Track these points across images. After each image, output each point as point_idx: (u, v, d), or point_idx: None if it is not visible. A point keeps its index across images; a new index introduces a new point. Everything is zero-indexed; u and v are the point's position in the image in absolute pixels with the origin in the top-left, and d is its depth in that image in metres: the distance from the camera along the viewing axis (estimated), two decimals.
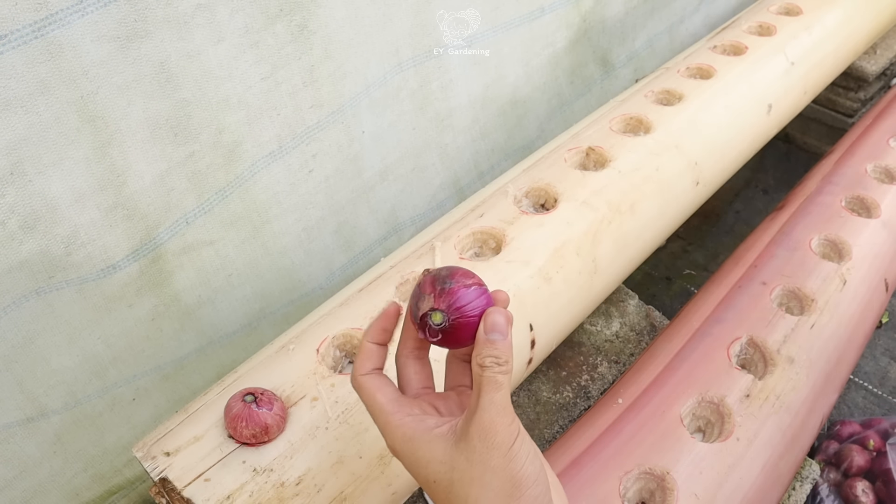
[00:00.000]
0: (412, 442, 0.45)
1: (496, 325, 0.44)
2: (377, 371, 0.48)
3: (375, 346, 0.49)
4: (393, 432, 0.46)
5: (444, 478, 0.43)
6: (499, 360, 0.43)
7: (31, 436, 0.73)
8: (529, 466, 0.42)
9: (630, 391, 0.76)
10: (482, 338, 0.44)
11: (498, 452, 0.41)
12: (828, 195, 1.03)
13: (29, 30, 0.52)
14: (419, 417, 0.46)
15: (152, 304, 0.75)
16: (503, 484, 0.41)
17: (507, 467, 0.41)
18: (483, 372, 0.43)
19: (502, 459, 0.41)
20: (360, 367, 0.48)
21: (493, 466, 0.41)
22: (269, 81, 0.72)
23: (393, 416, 0.46)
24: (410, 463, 0.45)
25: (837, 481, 0.98)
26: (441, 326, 0.45)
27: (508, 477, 0.41)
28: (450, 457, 0.43)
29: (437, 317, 0.45)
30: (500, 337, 0.44)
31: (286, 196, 0.81)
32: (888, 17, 1.35)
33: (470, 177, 1.08)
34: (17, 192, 0.58)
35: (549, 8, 1.03)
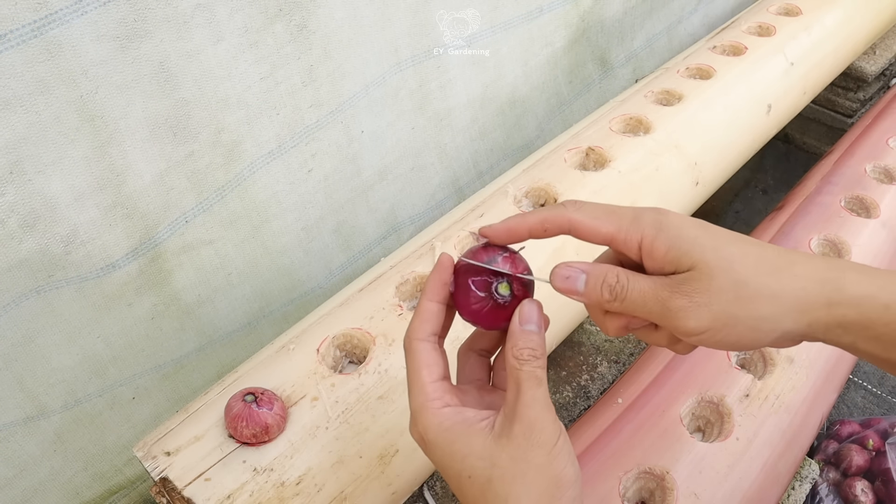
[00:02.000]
0: (448, 433, 0.42)
1: (531, 315, 0.42)
2: (433, 338, 0.44)
3: (435, 306, 0.44)
4: (429, 419, 0.42)
5: (482, 474, 0.41)
6: (535, 353, 0.41)
7: (31, 435, 0.73)
8: (570, 467, 0.40)
9: (630, 391, 0.76)
10: (517, 329, 0.42)
11: (542, 451, 0.40)
12: (827, 195, 1.03)
13: (28, 29, 0.52)
14: (458, 409, 0.43)
15: (152, 303, 0.75)
16: (546, 483, 0.40)
17: (550, 466, 0.40)
18: (522, 366, 0.41)
19: (546, 458, 0.40)
20: (416, 329, 0.44)
21: (537, 465, 0.40)
22: (268, 81, 0.72)
23: (432, 402, 0.43)
24: (443, 455, 0.42)
25: (837, 481, 0.98)
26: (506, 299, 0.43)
27: (552, 476, 0.40)
28: (490, 453, 0.41)
29: (505, 287, 0.43)
30: (535, 328, 0.42)
31: (285, 195, 0.81)
32: (888, 18, 1.36)
33: (469, 176, 1.08)
34: (17, 191, 0.58)
35: (548, 8, 1.03)
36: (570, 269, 0.43)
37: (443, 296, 0.45)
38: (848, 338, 0.41)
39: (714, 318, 0.40)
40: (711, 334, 0.41)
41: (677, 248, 0.41)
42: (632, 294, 0.42)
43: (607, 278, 0.42)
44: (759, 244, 0.42)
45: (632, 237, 0.42)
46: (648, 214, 0.43)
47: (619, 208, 0.43)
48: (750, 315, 0.40)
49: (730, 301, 0.40)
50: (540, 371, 0.41)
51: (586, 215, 0.43)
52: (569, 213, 0.43)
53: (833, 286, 0.41)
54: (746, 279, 0.40)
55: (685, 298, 0.40)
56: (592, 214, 0.43)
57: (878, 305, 0.40)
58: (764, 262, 0.41)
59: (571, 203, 0.44)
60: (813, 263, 0.42)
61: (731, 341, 0.41)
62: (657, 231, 0.42)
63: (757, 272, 0.41)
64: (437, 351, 0.45)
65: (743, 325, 0.40)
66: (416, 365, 0.44)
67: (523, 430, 0.40)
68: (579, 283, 0.43)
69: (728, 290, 0.40)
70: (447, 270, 0.44)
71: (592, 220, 0.43)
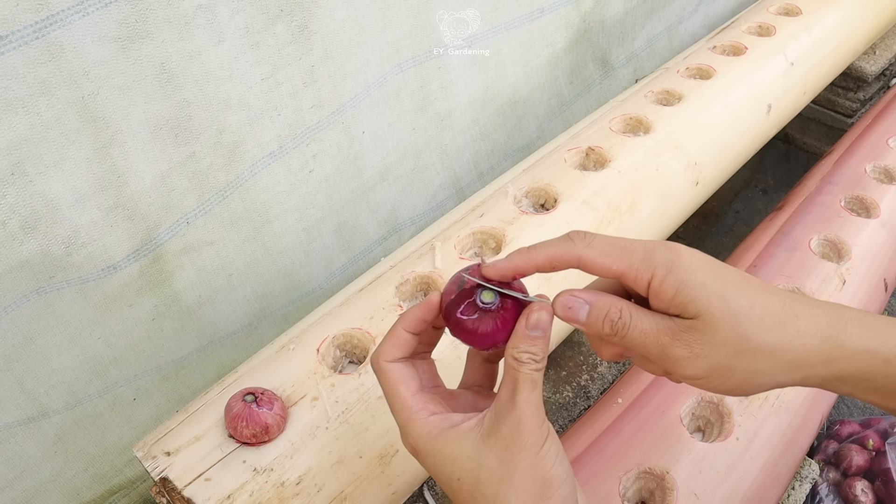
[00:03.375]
0: (438, 440, 0.43)
1: (540, 322, 0.42)
2: (403, 360, 0.46)
3: (408, 335, 0.46)
4: (417, 430, 0.43)
5: (471, 475, 0.42)
6: (536, 357, 0.41)
7: (32, 435, 0.73)
8: (559, 467, 0.41)
9: (630, 391, 0.76)
10: (522, 331, 0.42)
11: (529, 453, 0.40)
12: (827, 195, 1.03)
13: (30, 30, 0.52)
14: (444, 416, 0.44)
15: (153, 304, 0.75)
16: (533, 484, 0.40)
17: (537, 467, 0.40)
18: (520, 368, 0.41)
19: (533, 459, 0.40)
20: (385, 352, 0.45)
21: (524, 466, 0.40)
22: (269, 82, 0.72)
23: (417, 414, 0.44)
24: (434, 461, 0.43)
25: (837, 481, 0.98)
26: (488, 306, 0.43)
27: (539, 477, 0.40)
28: (477, 453, 0.41)
29: (488, 295, 0.43)
30: (540, 334, 0.42)
31: (286, 196, 0.82)
32: (888, 18, 1.36)
33: (470, 177, 1.09)
34: (18, 192, 0.59)
35: (549, 8, 1.03)
36: (573, 300, 0.43)
37: (419, 328, 0.46)
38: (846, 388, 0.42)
39: (711, 369, 0.41)
40: (706, 382, 0.42)
41: (685, 293, 0.41)
42: (633, 333, 0.42)
43: (610, 313, 0.42)
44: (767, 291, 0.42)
45: (642, 275, 0.42)
46: (660, 252, 0.42)
47: (629, 243, 0.43)
48: (747, 369, 0.41)
49: (729, 355, 0.41)
50: (537, 375, 0.41)
51: (596, 252, 0.43)
52: (578, 251, 0.43)
53: (833, 343, 0.41)
54: (749, 334, 0.41)
55: (686, 349, 0.41)
56: (602, 251, 0.43)
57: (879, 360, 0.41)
58: (769, 315, 0.41)
59: (580, 237, 0.44)
60: (816, 317, 0.42)
61: (724, 388, 0.42)
62: (667, 272, 0.41)
63: (761, 327, 0.41)
64: (409, 367, 0.46)
65: (738, 376, 0.41)
66: (392, 383, 0.45)
67: (511, 431, 0.41)
68: (582, 313, 0.43)
69: (729, 344, 0.40)
70: (432, 311, 0.45)
71: (603, 257, 0.43)
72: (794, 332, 0.41)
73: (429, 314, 0.45)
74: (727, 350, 0.40)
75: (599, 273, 0.43)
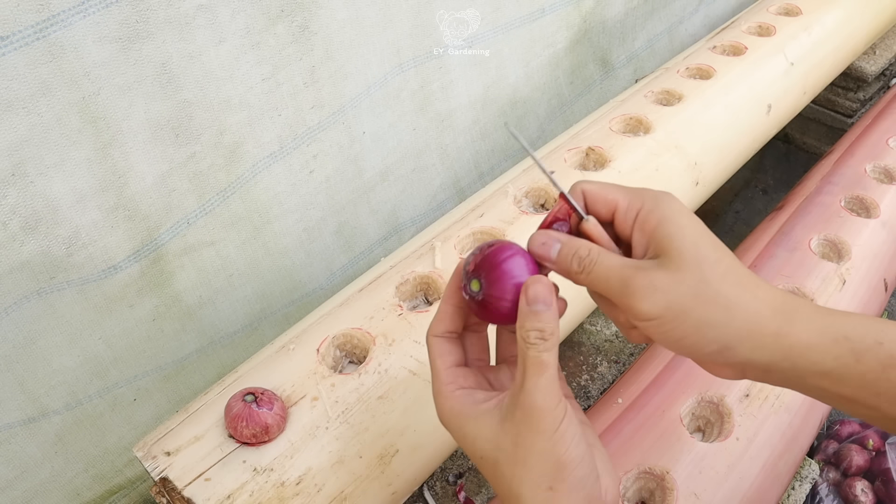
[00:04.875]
0: (459, 417, 0.44)
1: (538, 295, 0.42)
2: (448, 334, 0.47)
3: (451, 308, 0.47)
4: (442, 403, 0.45)
5: (490, 455, 0.43)
6: (543, 334, 0.41)
7: (33, 436, 0.73)
8: (574, 450, 0.41)
9: (630, 391, 0.76)
10: (524, 309, 0.42)
11: (543, 437, 0.40)
12: (827, 195, 1.03)
13: (31, 31, 0.53)
14: (469, 391, 0.45)
15: (153, 305, 0.75)
16: (547, 467, 0.41)
17: (552, 451, 0.40)
18: (528, 350, 0.41)
19: (547, 443, 0.41)
20: (432, 327, 0.47)
21: (538, 450, 0.41)
22: (270, 82, 0.72)
23: (445, 387, 0.45)
24: (458, 436, 0.44)
25: (837, 481, 0.98)
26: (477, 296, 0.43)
27: (553, 461, 0.41)
28: (495, 435, 0.42)
29: (475, 284, 0.44)
30: (543, 307, 0.41)
31: (287, 196, 0.82)
32: (888, 18, 1.36)
33: (470, 177, 1.09)
34: (19, 193, 0.59)
35: (550, 9, 1.03)
36: (547, 237, 0.45)
37: (458, 299, 0.47)
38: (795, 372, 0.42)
39: (667, 308, 0.41)
40: (659, 324, 0.42)
41: (664, 227, 0.42)
42: (598, 268, 0.43)
43: (579, 250, 0.44)
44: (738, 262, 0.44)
45: (633, 206, 0.44)
46: (653, 191, 0.45)
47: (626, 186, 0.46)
48: (700, 316, 0.41)
49: (686, 296, 0.41)
50: (546, 355, 0.41)
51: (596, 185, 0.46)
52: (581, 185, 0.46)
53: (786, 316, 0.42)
54: (710, 281, 0.41)
55: (646, 280, 0.41)
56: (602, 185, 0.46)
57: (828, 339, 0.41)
58: (732, 273, 0.42)
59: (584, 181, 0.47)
60: (774, 292, 0.43)
61: (674, 337, 0.42)
62: (655, 205, 0.44)
63: (722, 279, 0.41)
64: (451, 343, 0.47)
65: (690, 323, 0.41)
66: (432, 356, 0.46)
67: (524, 416, 0.41)
68: (553, 250, 0.45)
69: (689, 285, 0.41)
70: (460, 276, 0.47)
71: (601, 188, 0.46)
72: (752, 297, 0.42)
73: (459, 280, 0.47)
74: (686, 290, 0.41)
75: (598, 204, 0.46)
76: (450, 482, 0.81)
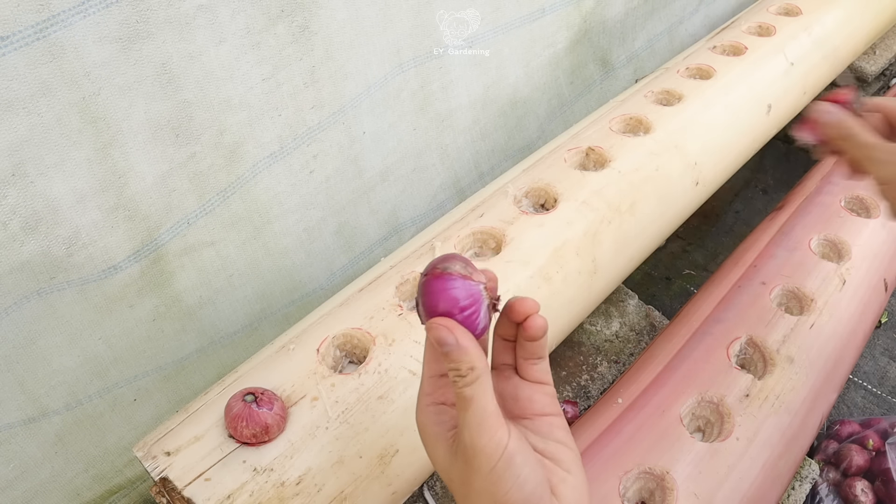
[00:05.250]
0: (423, 433, 0.44)
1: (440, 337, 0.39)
2: None
3: None
4: (417, 413, 0.45)
5: (446, 480, 0.43)
6: (459, 372, 0.39)
7: (33, 436, 0.73)
8: (517, 492, 0.39)
9: (630, 391, 0.76)
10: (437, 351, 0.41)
11: (479, 476, 0.39)
12: (827, 195, 1.03)
13: (31, 31, 0.53)
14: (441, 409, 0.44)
15: (153, 305, 0.75)
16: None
17: (490, 490, 0.39)
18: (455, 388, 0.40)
19: (484, 482, 0.39)
20: None
21: (477, 489, 0.40)
22: (270, 82, 0.72)
23: (422, 398, 0.44)
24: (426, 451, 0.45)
25: (837, 481, 0.98)
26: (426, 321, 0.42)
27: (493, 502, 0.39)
28: (448, 465, 0.42)
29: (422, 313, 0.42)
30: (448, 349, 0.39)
31: (287, 197, 0.82)
32: (888, 18, 1.36)
33: (470, 177, 1.09)
34: (19, 193, 0.59)
35: (550, 9, 1.03)
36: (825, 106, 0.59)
37: None
38: None
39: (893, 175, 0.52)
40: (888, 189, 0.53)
41: None
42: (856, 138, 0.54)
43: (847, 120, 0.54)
44: None
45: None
46: None
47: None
48: None
49: None
50: (466, 390, 0.39)
51: None
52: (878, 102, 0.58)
53: None
54: None
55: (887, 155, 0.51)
56: None
57: None
58: None
59: None
60: None
61: None
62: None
63: None
64: None
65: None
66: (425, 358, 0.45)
67: (462, 453, 0.40)
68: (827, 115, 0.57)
69: None
70: None
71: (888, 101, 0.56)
72: None
73: None
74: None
75: None
76: None
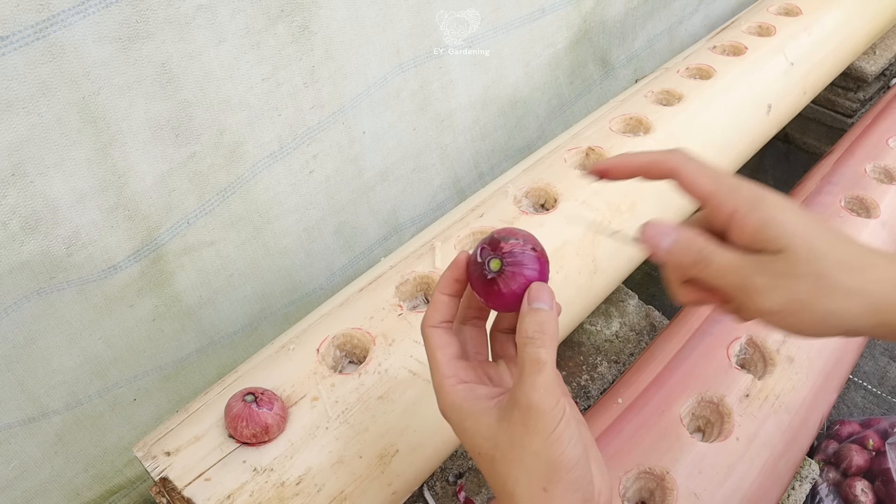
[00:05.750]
0: (460, 412, 0.44)
1: (540, 295, 0.43)
2: (445, 325, 0.47)
3: (446, 298, 0.47)
4: (444, 396, 0.45)
5: (488, 453, 0.43)
6: (542, 330, 0.41)
7: (33, 436, 0.73)
8: (571, 452, 0.41)
9: (630, 391, 0.76)
10: (525, 308, 0.43)
11: (539, 437, 0.41)
12: (827, 195, 1.03)
13: (31, 31, 0.53)
14: (471, 386, 0.45)
15: (153, 305, 0.75)
16: (542, 468, 0.41)
17: (547, 451, 0.41)
18: (525, 348, 0.41)
19: (543, 444, 0.41)
20: (428, 318, 0.47)
21: (534, 451, 0.41)
22: (270, 82, 0.72)
23: (447, 380, 0.45)
24: (458, 430, 0.45)
25: (837, 481, 0.98)
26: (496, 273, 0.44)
27: (548, 461, 0.41)
28: (493, 433, 0.42)
29: (495, 263, 0.44)
30: (544, 306, 0.42)
31: (287, 196, 0.82)
32: (888, 18, 1.36)
33: (470, 177, 1.09)
34: (19, 193, 0.59)
35: (550, 9, 1.03)
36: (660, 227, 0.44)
37: (453, 289, 0.47)
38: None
39: (788, 302, 0.41)
40: (781, 317, 0.42)
41: (768, 228, 0.42)
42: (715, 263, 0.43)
43: (695, 243, 0.43)
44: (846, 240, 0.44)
45: (726, 204, 0.43)
46: (748, 188, 0.43)
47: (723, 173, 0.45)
48: (822, 307, 0.41)
49: (807, 290, 0.41)
50: (543, 352, 0.41)
51: (692, 169, 0.44)
52: (676, 161, 0.44)
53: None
54: (827, 274, 0.41)
55: (767, 279, 0.41)
56: (696, 170, 0.44)
57: None
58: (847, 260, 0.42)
59: (680, 152, 0.45)
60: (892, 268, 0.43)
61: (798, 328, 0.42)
62: (752, 206, 0.42)
63: (839, 268, 0.41)
64: (448, 334, 0.47)
65: (812, 314, 0.41)
66: (431, 348, 0.46)
67: (521, 415, 0.41)
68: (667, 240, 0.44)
69: (808, 280, 0.41)
70: (459, 268, 0.47)
71: (696, 174, 0.44)
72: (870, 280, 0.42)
73: (457, 273, 0.47)
74: (805, 286, 0.41)
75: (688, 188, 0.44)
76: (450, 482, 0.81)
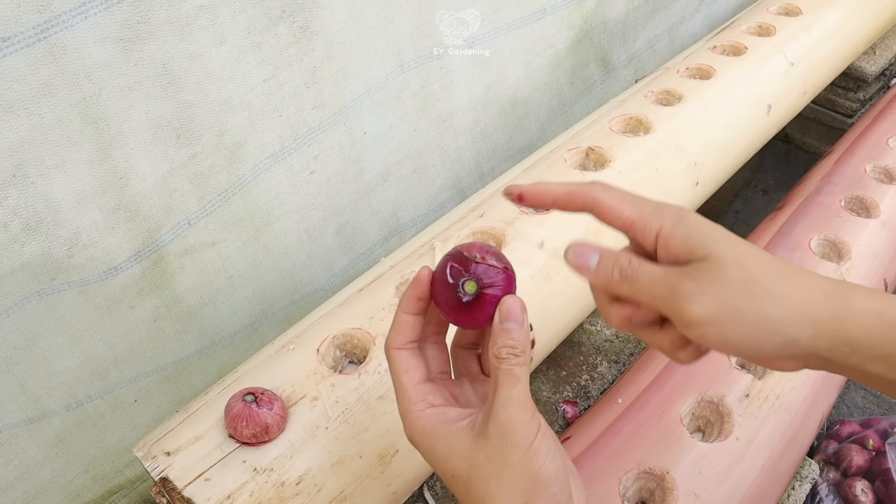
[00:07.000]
0: (431, 435, 0.44)
1: (511, 313, 0.42)
2: (410, 345, 0.46)
3: (410, 318, 0.46)
4: (413, 422, 0.44)
5: (463, 473, 0.42)
6: (515, 351, 0.41)
7: (33, 437, 0.73)
8: (550, 464, 0.41)
9: (630, 391, 0.76)
10: (497, 327, 0.42)
11: (517, 450, 0.40)
12: (827, 195, 1.03)
13: (32, 32, 0.53)
14: (440, 410, 0.45)
15: (154, 306, 0.75)
16: (522, 482, 0.41)
17: (526, 465, 0.40)
18: (500, 364, 0.41)
19: (521, 457, 0.40)
20: (392, 339, 0.46)
21: (512, 464, 0.41)
22: (271, 83, 0.72)
23: (414, 406, 0.44)
24: (429, 456, 0.44)
25: (837, 481, 0.98)
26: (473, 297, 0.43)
27: (527, 475, 0.40)
28: (468, 452, 0.42)
29: (471, 286, 0.43)
30: (515, 326, 0.42)
31: (288, 197, 0.82)
32: (888, 18, 1.36)
33: (471, 178, 1.09)
34: (20, 194, 0.59)
35: (551, 9, 1.03)
36: (584, 248, 0.44)
37: (417, 308, 0.46)
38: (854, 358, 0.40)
39: (720, 309, 0.40)
40: (716, 328, 0.40)
41: (693, 239, 0.41)
42: (641, 276, 0.42)
43: (619, 259, 0.43)
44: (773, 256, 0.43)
45: (651, 225, 0.43)
46: (671, 207, 0.43)
47: (642, 197, 0.44)
48: (756, 312, 0.40)
49: (738, 294, 0.40)
50: (517, 369, 0.41)
51: (611, 197, 0.44)
52: (595, 192, 0.44)
53: (840, 299, 0.40)
54: (756, 277, 0.40)
55: (694, 283, 0.40)
56: (617, 198, 0.44)
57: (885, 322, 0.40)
58: (774, 266, 0.41)
59: (600, 183, 0.45)
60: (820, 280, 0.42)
61: (735, 340, 0.40)
62: (676, 222, 0.42)
63: (766, 273, 0.41)
64: (414, 356, 0.46)
65: (748, 322, 0.40)
66: (397, 372, 0.46)
67: (497, 430, 0.41)
68: (592, 261, 0.43)
69: (737, 283, 0.40)
70: (423, 286, 0.46)
71: (617, 202, 0.43)
72: (800, 285, 0.41)
73: (420, 291, 0.46)
74: (735, 289, 0.40)
75: (610, 219, 0.44)
76: None
